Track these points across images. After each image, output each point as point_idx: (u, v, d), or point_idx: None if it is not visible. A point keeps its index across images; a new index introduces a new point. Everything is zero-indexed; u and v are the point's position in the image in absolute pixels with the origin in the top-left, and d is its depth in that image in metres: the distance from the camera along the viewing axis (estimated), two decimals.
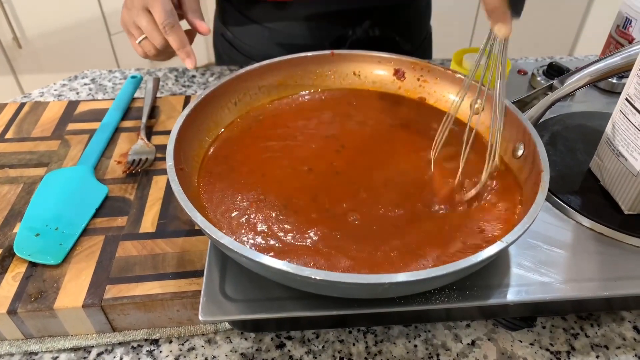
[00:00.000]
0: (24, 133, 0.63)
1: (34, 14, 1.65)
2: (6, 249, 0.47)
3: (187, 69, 0.84)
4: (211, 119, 0.51)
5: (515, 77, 0.69)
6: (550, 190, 0.50)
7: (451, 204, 0.44)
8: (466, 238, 0.41)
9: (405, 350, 0.45)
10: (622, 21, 0.66)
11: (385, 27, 0.79)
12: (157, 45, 0.56)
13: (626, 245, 0.45)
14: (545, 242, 0.45)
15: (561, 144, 0.56)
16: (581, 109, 0.63)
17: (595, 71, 0.50)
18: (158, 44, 0.56)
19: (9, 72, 1.71)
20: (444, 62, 0.84)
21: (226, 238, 0.35)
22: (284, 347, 0.45)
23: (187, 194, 0.38)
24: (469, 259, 0.34)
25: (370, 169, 0.49)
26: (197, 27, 0.60)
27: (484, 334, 0.46)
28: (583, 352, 0.45)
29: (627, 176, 0.47)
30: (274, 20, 0.77)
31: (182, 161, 0.44)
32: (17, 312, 0.42)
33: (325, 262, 0.39)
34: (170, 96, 0.71)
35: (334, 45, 0.77)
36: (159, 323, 0.46)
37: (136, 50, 0.59)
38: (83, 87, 0.79)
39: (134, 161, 0.58)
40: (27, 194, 0.54)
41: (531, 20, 2.09)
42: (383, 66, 0.58)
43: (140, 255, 0.47)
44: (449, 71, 0.55)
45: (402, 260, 0.39)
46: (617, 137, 0.47)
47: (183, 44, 0.55)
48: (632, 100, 0.45)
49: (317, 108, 0.57)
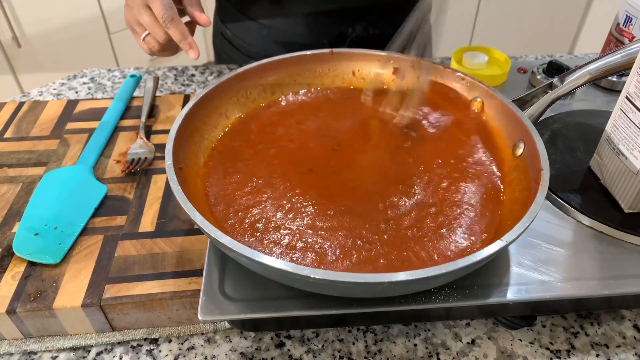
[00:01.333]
0: (23, 132, 0.63)
1: (34, 13, 1.64)
2: (5, 248, 0.47)
3: (186, 68, 0.84)
4: (210, 117, 0.51)
5: (515, 75, 0.69)
6: (550, 189, 0.49)
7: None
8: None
9: (405, 349, 0.45)
10: (623, 19, 0.66)
11: (385, 25, 0.79)
12: (160, 39, 0.58)
13: (626, 243, 0.45)
14: (545, 241, 0.45)
15: (561, 143, 0.56)
16: (581, 107, 0.63)
17: (596, 69, 0.49)
18: (160, 38, 0.58)
19: (8, 71, 1.71)
20: (444, 60, 0.83)
21: (225, 237, 0.35)
22: (284, 346, 0.45)
23: (186, 193, 0.38)
24: (469, 258, 0.34)
25: (369, 168, 0.48)
26: (196, 19, 0.61)
27: (483, 333, 0.46)
28: (583, 351, 0.45)
29: (627, 174, 0.46)
30: (273, 18, 0.77)
31: (181, 160, 0.44)
32: (16, 312, 0.42)
33: (325, 257, 0.39)
34: (170, 95, 0.70)
35: (333, 44, 0.77)
36: (158, 322, 0.45)
37: (141, 47, 0.61)
38: (82, 86, 0.79)
39: (133, 160, 0.58)
40: (26, 193, 0.54)
41: (531, 19, 2.10)
42: (383, 64, 0.58)
43: (139, 255, 0.47)
44: (448, 70, 0.55)
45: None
46: (617, 135, 0.47)
47: (184, 35, 0.57)
48: (632, 98, 0.45)
49: (317, 107, 0.56)
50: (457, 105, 0.55)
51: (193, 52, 0.57)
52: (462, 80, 0.54)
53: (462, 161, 0.49)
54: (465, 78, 0.54)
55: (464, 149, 0.51)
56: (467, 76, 0.54)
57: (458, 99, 0.55)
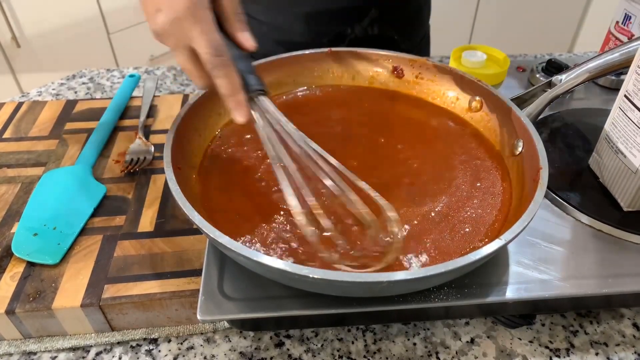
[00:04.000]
0: (22, 132, 0.63)
1: (33, 13, 1.64)
2: (4, 248, 0.47)
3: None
4: (209, 117, 0.51)
5: (514, 73, 0.69)
6: (549, 188, 0.49)
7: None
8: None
9: (404, 349, 0.45)
10: (622, 17, 0.66)
11: (384, 25, 0.79)
12: (200, 86, 0.42)
13: (625, 242, 0.45)
14: (544, 240, 0.45)
15: (560, 141, 0.56)
16: (580, 105, 0.63)
17: (594, 68, 0.49)
18: (201, 85, 0.42)
19: (7, 71, 1.70)
20: (443, 59, 0.83)
21: (224, 237, 0.35)
22: (283, 345, 0.45)
23: (185, 193, 0.38)
24: (468, 257, 0.34)
25: (368, 166, 0.48)
26: (240, 42, 0.43)
27: (483, 332, 0.46)
28: (582, 350, 0.45)
29: (626, 173, 0.46)
30: (273, 17, 0.77)
31: (180, 160, 0.44)
32: (15, 312, 0.42)
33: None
34: (169, 95, 0.70)
35: (332, 43, 0.77)
36: (157, 322, 0.45)
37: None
38: (81, 86, 0.79)
39: (132, 160, 0.57)
40: (25, 193, 0.54)
41: (530, 17, 2.09)
42: (381, 63, 0.58)
43: (138, 255, 0.47)
44: (447, 68, 0.55)
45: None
46: (616, 134, 0.47)
47: (234, 90, 0.41)
48: (630, 96, 0.45)
49: (315, 106, 0.56)
50: (456, 105, 0.55)
51: (239, 114, 0.41)
52: (461, 79, 0.54)
53: (461, 160, 0.49)
54: (464, 77, 0.54)
55: (463, 148, 0.51)
56: (466, 75, 0.54)
57: (457, 99, 0.55)
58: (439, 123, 0.54)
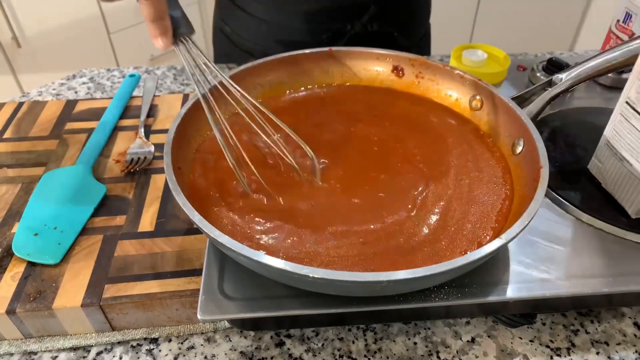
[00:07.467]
0: (22, 132, 0.63)
1: (33, 13, 1.64)
2: (5, 248, 0.47)
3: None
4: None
5: (514, 72, 0.69)
6: (550, 186, 0.49)
7: None
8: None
9: (404, 348, 0.45)
10: (623, 16, 0.66)
11: (384, 23, 0.79)
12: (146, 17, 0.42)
13: (626, 241, 0.45)
14: (545, 239, 0.45)
15: (561, 140, 0.56)
16: (581, 104, 0.63)
17: (595, 66, 0.49)
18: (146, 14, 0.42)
19: (8, 71, 1.71)
20: (443, 58, 0.83)
21: (224, 237, 0.35)
22: (284, 345, 0.45)
23: (185, 192, 0.38)
24: (467, 256, 0.34)
25: (369, 165, 0.48)
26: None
27: (483, 331, 0.46)
28: (583, 349, 0.45)
29: (633, 181, 0.45)
30: (272, 14, 0.77)
31: (180, 160, 0.44)
32: (15, 312, 0.42)
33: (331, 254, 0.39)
34: (169, 94, 0.70)
35: (332, 40, 0.77)
36: (158, 322, 0.45)
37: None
38: (81, 86, 0.79)
39: (133, 160, 0.57)
40: (26, 193, 0.54)
41: (531, 16, 2.09)
42: (381, 63, 0.58)
43: (138, 255, 0.47)
44: (447, 67, 0.55)
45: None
46: (618, 140, 0.46)
47: (160, 14, 0.41)
48: (633, 104, 0.44)
49: (315, 105, 0.56)
50: (456, 104, 0.55)
51: (162, 40, 0.42)
52: (462, 78, 0.54)
53: (461, 159, 0.49)
54: (465, 76, 0.54)
55: (463, 147, 0.50)
56: (467, 74, 0.54)
57: (457, 98, 0.55)
58: (440, 122, 0.54)
